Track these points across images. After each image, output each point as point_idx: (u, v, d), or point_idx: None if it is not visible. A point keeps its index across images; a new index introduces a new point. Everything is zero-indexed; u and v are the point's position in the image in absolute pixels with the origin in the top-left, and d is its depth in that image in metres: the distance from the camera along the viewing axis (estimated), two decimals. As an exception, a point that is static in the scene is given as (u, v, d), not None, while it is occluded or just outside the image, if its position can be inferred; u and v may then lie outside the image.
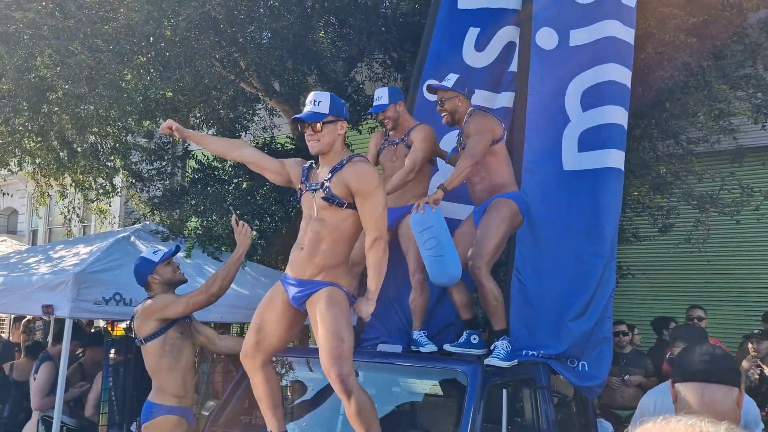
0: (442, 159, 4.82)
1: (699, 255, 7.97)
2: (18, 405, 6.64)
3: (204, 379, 6.32)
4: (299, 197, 3.61)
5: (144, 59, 6.67)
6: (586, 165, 4.63)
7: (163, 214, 7.95)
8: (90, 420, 5.87)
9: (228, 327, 6.61)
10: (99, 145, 8.08)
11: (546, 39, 4.87)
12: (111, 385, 5.61)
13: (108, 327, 6.09)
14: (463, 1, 5.21)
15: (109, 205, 9.71)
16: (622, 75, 4.75)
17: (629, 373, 6.02)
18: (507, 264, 4.81)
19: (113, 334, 6.03)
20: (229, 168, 7.76)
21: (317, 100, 3.46)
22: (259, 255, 7.10)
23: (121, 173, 8.60)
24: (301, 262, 3.50)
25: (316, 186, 3.47)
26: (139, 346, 4.22)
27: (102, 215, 9.62)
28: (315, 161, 3.57)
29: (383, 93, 4.67)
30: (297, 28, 6.71)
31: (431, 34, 5.21)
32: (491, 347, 4.15)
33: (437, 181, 5.03)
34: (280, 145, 7.71)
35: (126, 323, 5.68)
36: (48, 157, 7.85)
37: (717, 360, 2.03)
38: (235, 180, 7.59)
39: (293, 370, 4.45)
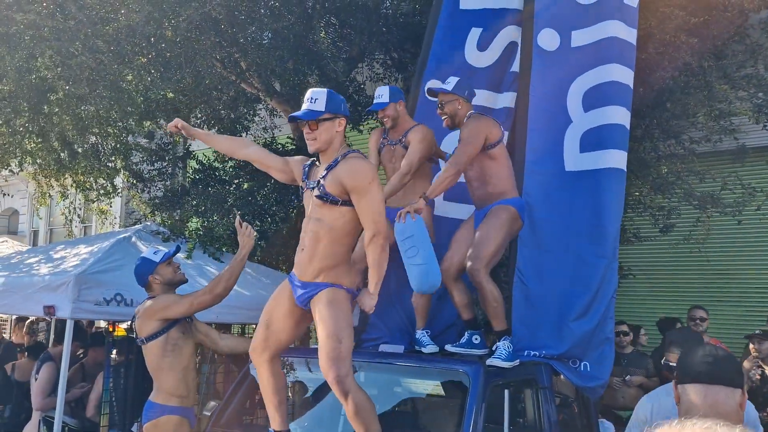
0: (442, 160, 4.81)
1: (700, 255, 7.97)
2: (19, 405, 6.65)
3: (205, 380, 6.32)
4: (302, 195, 3.62)
5: (145, 60, 6.67)
6: (587, 165, 4.63)
7: (164, 214, 7.95)
8: (91, 420, 5.87)
9: (228, 327, 6.60)
10: (100, 146, 8.08)
11: (548, 40, 4.87)
12: (111, 386, 5.61)
13: (109, 328, 6.08)
14: (465, 2, 5.21)
15: (110, 206, 9.70)
16: (624, 75, 4.75)
17: (630, 374, 6.01)
18: (508, 264, 4.81)
19: (114, 334, 6.01)
20: (230, 168, 7.76)
21: (314, 97, 3.42)
22: (260, 256, 7.10)
23: (122, 174, 8.60)
24: (303, 263, 3.51)
25: (313, 184, 3.47)
26: (141, 346, 4.21)
27: (103, 216, 9.61)
28: (317, 159, 3.56)
29: (384, 91, 4.67)
30: (298, 28, 6.71)
31: (433, 34, 5.21)
32: (493, 348, 4.15)
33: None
34: (280, 146, 7.70)
35: (127, 324, 5.68)
36: (48, 158, 7.84)
37: (720, 361, 2.01)
38: (236, 180, 7.59)
39: (295, 370, 4.45)
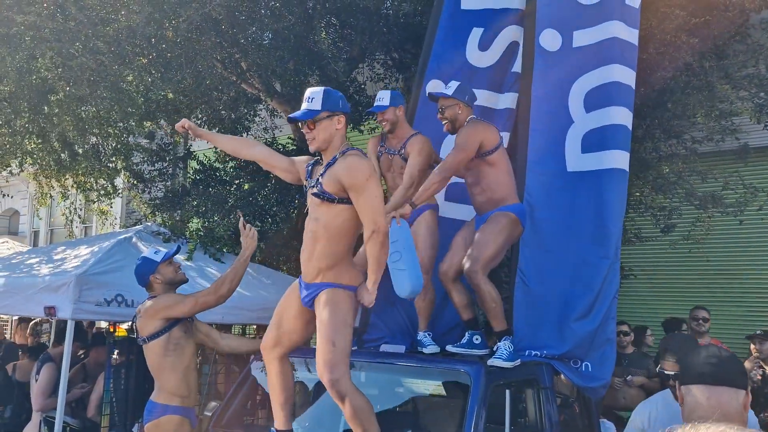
0: None
1: (701, 255, 7.96)
2: (20, 406, 6.64)
3: (206, 380, 6.31)
4: (305, 196, 3.62)
5: (145, 61, 6.67)
6: (589, 166, 4.62)
7: (165, 215, 7.94)
8: (92, 420, 5.87)
9: (229, 328, 6.60)
10: (100, 147, 8.08)
11: (549, 40, 4.86)
12: (112, 387, 5.60)
13: (110, 328, 6.07)
14: (467, 2, 5.20)
15: (111, 207, 9.70)
16: (626, 76, 4.74)
17: (631, 374, 6.01)
18: (510, 265, 4.80)
19: (115, 335, 6.01)
20: (231, 169, 7.76)
21: (311, 97, 3.41)
22: (260, 256, 7.09)
23: (123, 174, 8.60)
24: (304, 264, 3.53)
25: (313, 183, 3.46)
26: (142, 345, 4.19)
27: (103, 216, 9.60)
28: (320, 158, 3.55)
29: (385, 95, 4.67)
30: (298, 28, 6.70)
31: (434, 34, 5.20)
32: (494, 348, 4.15)
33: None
34: (281, 146, 7.70)
35: (128, 324, 5.68)
36: (48, 159, 7.84)
37: (724, 362, 2.00)
38: (237, 181, 7.59)
39: (296, 369, 4.44)
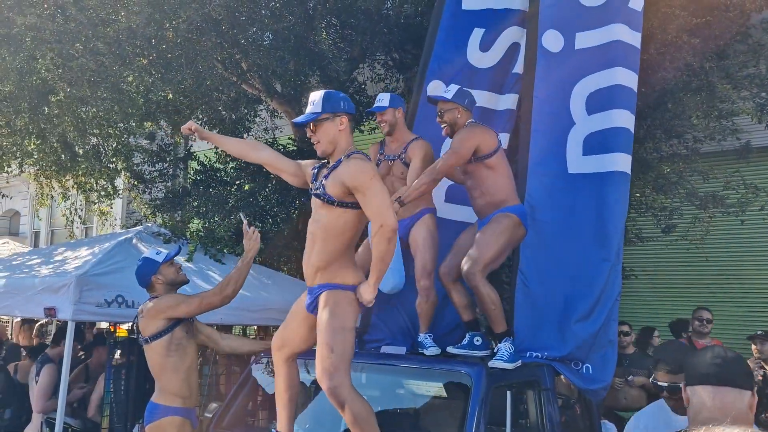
0: None
1: (702, 255, 7.96)
2: (21, 407, 6.63)
3: (207, 381, 6.31)
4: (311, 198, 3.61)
5: (145, 61, 6.67)
6: (591, 168, 4.60)
7: (165, 215, 7.94)
8: (93, 421, 5.87)
9: (230, 329, 6.59)
10: (101, 147, 8.08)
11: (552, 41, 4.85)
12: (112, 388, 5.60)
13: (111, 328, 6.07)
14: (468, 2, 5.19)
15: (111, 207, 9.70)
16: (628, 79, 4.73)
17: (633, 374, 6.00)
18: (511, 265, 4.79)
19: (116, 335, 6.00)
20: (231, 170, 7.75)
21: (312, 101, 3.43)
22: (261, 257, 7.08)
23: (123, 175, 8.60)
24: (305, 267, 3.52)
25: (317, 185, 3.47)
26: (143, 345, 4.17)
27: (103, 217, 9.60)
28: (328, 161, 3.55)
29: (385, 96, 4.69)
30: (299, 29, 6.70)
31: (435, 34, 5.19)
32: (494, 349, 4.14)
33: (439, 186, 5.03)
34: (281, 147, 7.69)
35: (128, 325, 5.67)
36: (49, 159, 7.85)
37: (729, 363, 2.00)
38: (237, 182, 7.59)
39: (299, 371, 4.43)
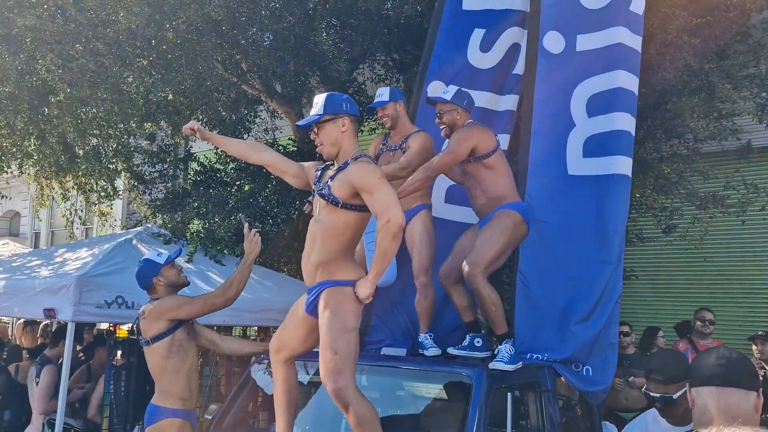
0: None
1: (703, 256, 7.95)
2: (21, 408, 6.63)
3: (207, 382, 6.31)
4: (312, 199, 3.61)
5: (145, 62, 6.66)
6: (591, 171, 4.58)
7: (165, 216, 7.94)
8: (94, 422, 5.86)
9: (230, 330, 6.59)
10: (101, 148, 8.08)
11: (553, 42, 4.84)
12: (112, 389, 5.60)
13: (111, 328, 6.06)
14: (468, 2, 5.17)
15: (111, 208, 9.70)
16: (629, 82, 4.71)
17: (633, 375, 5.99)
18: (512, 266, 4.78)
19: (116, 335, 6.00)
20: (232, 170, 7.75)
21: (315, 103, 3.45)
22: (261, 258, 7.08)
23: (123, 176, 8.60)
24: (304, 266, 3.51)
25: (321, 186, 3.47)
26: (144, 347, 4.16)
27: (103, 218, 9.60)
28: (332, 163, 3.55)
29: (384, 91, 4.66)
30: (299, 29, 6.69)
31: (435, 35, 5.17)
32: (495, 351, 4.13)
33: (440, 183, 5.03)
34: (282, 148, 7.68)
35: (128, 326, 5.67)
36: (49, 160, 7.84)
37: (734, 364, 1.99)
38: (237, 182, 7.58)
39: (297, 373, 4.43)
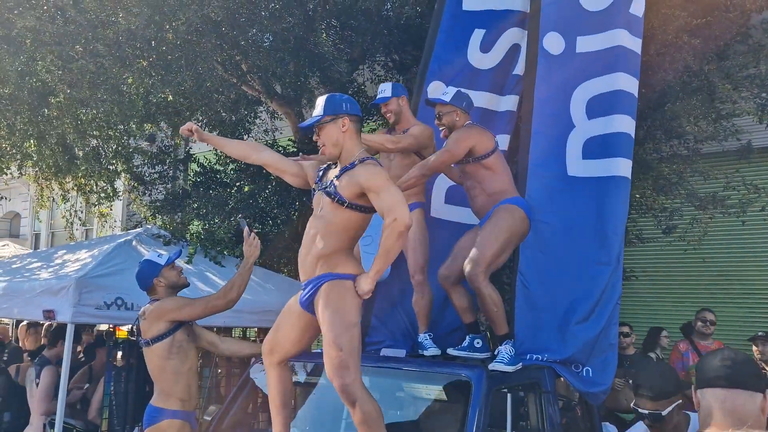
0: None
1: (703, 256, 7.94)
2: (21, 409, 6.63)
3: (206, 384, 6.30)
4: (311, 198, 3.61)
5: (145, 63, 6.66)
6: (591, 172, 4.58)
7: (165, 217, 7.94)
8: (95, 423, 5.87)
9: (230, 331, 6.59)
10: (101, 149, 8.08)
11: (553, 43, 4.83)
12: (112, 390, 5.60)
13: (111, 329, 6.06)
14: (468, 3, 5.17)
15: (111, 209, 9.70)
16: (629, 84, 4.71)
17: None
18: (512, 266, 4.78)
19: (116, 336, 6.00)
20: (231, 171, 7.75)
21: (316, 105, 3.47)
22: (260, 259, 7.08)
23: (123, 177, 8.60)
24: (302, 261, 3.49)
25: (325, 184, 3.47)
26: (144, 348, 4.16)
27: (103, 219, 9.60)
28: (334, 163, 3.55)
29: (387, 87, 4.66)
30: (299, 30, 6.69)
31: (435, 36, 5.17)
32: (495, 352, 4.13)
33: (440, 184, 5.02)
34: (281, 148, 7.68)
35: (128, 327, 5.67)
36: (48, 161, 7.85)
37: (739, 365, 1.98)
38: (237, 183, 7.58)
39: (296, 372, 4.42)
